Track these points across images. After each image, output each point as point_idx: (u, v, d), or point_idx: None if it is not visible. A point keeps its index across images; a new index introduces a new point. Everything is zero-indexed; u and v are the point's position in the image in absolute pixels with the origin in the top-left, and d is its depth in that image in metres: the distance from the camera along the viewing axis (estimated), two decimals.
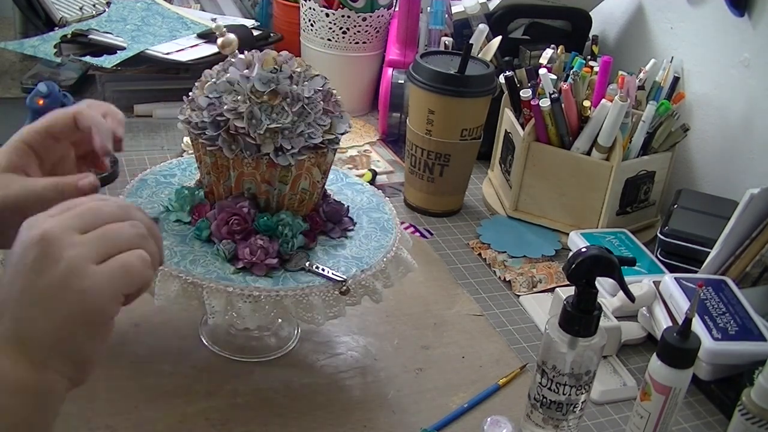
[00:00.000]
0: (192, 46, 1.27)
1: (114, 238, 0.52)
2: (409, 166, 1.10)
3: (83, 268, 0.50)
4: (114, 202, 0.56)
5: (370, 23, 1.30)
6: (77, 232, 0.51)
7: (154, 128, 1.22)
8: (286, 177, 0.69)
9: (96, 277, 0.50)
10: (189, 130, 0.70)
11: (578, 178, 1.03)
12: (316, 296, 0.67)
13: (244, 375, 0.76)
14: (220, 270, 0.67)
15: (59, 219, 0.52)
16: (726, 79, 1.12)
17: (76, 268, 0.49)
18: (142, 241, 0.54)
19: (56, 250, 0.50)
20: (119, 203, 0.56)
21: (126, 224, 0.53)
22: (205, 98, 0.68)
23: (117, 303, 0.51)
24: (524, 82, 1.09)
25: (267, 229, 0.69)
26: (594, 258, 0.66)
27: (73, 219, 0.52)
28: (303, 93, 0.68)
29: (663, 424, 0.70)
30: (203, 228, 0.70)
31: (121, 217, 0.54)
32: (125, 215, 0.54)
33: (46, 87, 0.93)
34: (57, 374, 0.50)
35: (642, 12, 1.28)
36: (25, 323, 0.49)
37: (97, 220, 0.53)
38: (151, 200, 0.75)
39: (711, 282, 0.87)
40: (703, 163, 1.17)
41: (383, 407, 0.75)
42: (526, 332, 0.89)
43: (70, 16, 1.35)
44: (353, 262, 0.71)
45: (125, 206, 0.56)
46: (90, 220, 0.52)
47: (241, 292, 0.65)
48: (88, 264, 0.50)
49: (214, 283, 0.66)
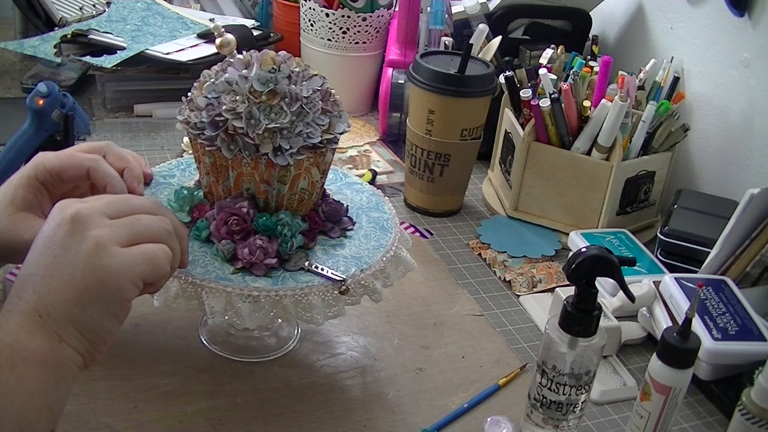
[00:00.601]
0: (192, 46, 1.27)
1: (142, 227, 0.55)
2: (409, 166, 1.10)
3: (108, 247, 0.52)
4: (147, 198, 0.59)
5: (370, 23, 1.30)
6: (107, 217, 0.54)
7: (154, 128, 1.22)
8: (285, 177, 0.69)
9: (119, 257, 0.52)
10: (188, 131, 0.70)
11: (578, 178, 1.03)
12: (315, 296, 0.67)
13: (244, 375, 0.76)
14: (219, 270, 0.67)
15: (91, 203, 0.54)
16: (726, 79, 1.12)
17: (101, 246, 0.52)
18: (168, 237, 0.57)
19: (84, 228, 0.52)
20: (151, 200, 0.59)
21: (156, 218, 0.56)
22: (204, 98, 0.68)
23: (135, 286, 0.53)
24: (524, 82, 1.09)
25: (266, 229, 0.69)
26: (594, 258, 0.66)
27: (105, 205, 0.55)
28: (301, 93, 0.68)
29: (663, 424, 0.70)
30: (202, 228, 0.70)
31: (151, 211, 0.57)
32: (156, 210, 0.57)
33: (46, 87, 0.93)
34: (71, 349, 0.52)
35: (642, 12, 1.28)
36: (44, 296, 0.51)
37: (128, 209, 0.56)
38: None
39: (711, 282, 0.87)
40: (703, 163, 1.17)
41: (383, 407, 0.75)
42: (526, 332, 0.89)
43: (70, 16, 1.35)
44: (352, 262, 0.71)
45: (157, 203, 0.59)
46: (121, 208, 0.56)
47: (240, 292, 0.65)
48: (113, 245, 0.53)
49: (214, 283, 0.66)
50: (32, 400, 0.50)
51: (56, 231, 0.52)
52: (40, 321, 0.51)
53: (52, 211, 0.54)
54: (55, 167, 0.66)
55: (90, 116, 1.19)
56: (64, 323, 0.51)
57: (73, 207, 0.53)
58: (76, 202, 0.54)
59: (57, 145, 0.94)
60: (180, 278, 0.66)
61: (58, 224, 0.53)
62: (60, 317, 0.51)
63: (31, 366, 0.50)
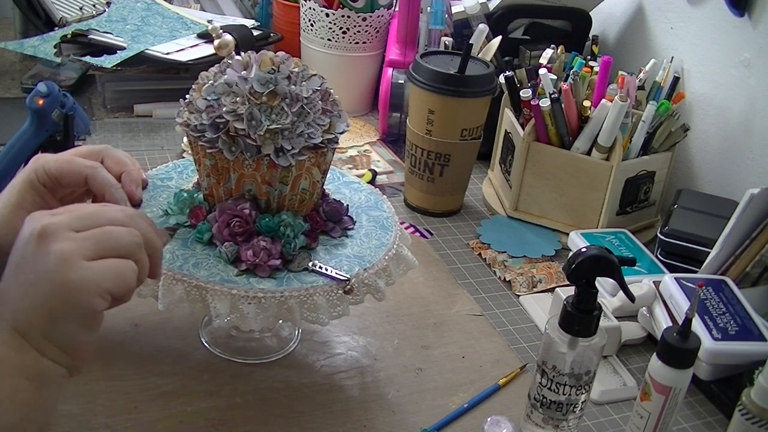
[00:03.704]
0: (192, 46, 1.27)
1: (109, 240, 0.54)
2: (409, 166, 1.10)
3: (72, 261, 0.52)
4: (120, 209, 0.57)
5: (370, 23, 1.30)
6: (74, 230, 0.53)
7: (154, 128, 1.22)
8: (286, 178, 0.69)
9: (83, 271, 0.52)
10: (188, 133, 0.70)
11: (578, 178, 1.03)
12: (320, 296, 0.67)
13: (244, 375, 0.76)
14: (223, 272, 0.67)
15: (60, 217, 0.53)
16: (726, 79, 1.12)
17: (65, 260, 0.51)
18: (136, 249, 0.55)
19: (49, 242, 0.52)
20: (125, 210, 0.57)
21: (124, 230, 0.55)
22: (203, 100, 0.68)
23: (103, 299, 0.53)
24: (524, 82, 1.09)
25: (269, 230, 0.69)
26: (594, 258, 0.66)
27: (73, 218, 0.54)
28: (302, 93, 0.68)
29: (663, 424, 0.70)
30: (204, 231, 0.70)
31: (122, 223, 0.56)
32: (127, 222, 0.56)
33: (46, 87, 0.93)
34: (52, 363, 0.52)
35: (642, 12, 1.28)
36: (20, 314, 0.51)
37: (97, 222, 0.55)
38: (149, 204, 0.74)
39: (711, 282, 0.87)
40: (703, 163, 1.17)
41: (383, 407, 0.75)
42: (526, 332, 0.89)
43: (70, 16, 1.35)
44: (355, 261, 0.71)
45: (130, 214, 0.57)
46: (89, 221, 0.54)
47: (245, 294, 0.65)
48: (78, 258, 0.52)
49: (218, 285, 0.65)
50: (21, 410, 0.51)
51: (26, 247, 0.52)
52: (21, 336, 0.51)
53: (24, 225, 0.54)
54: (54, 172, 0.66)
55: (90, 116, 1.19)
56: (41, 339, 0.52)
57: (40, 221, 0.53)
58: (45, 216, 0.53)
59: (57, 145, 0.94)
60: (184, 281, 0.65)
61: (26, 240, 0.52)
62: (37, 335, 0.51)
63: (17, 379, 0.51)
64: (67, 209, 0.55)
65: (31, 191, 0.66)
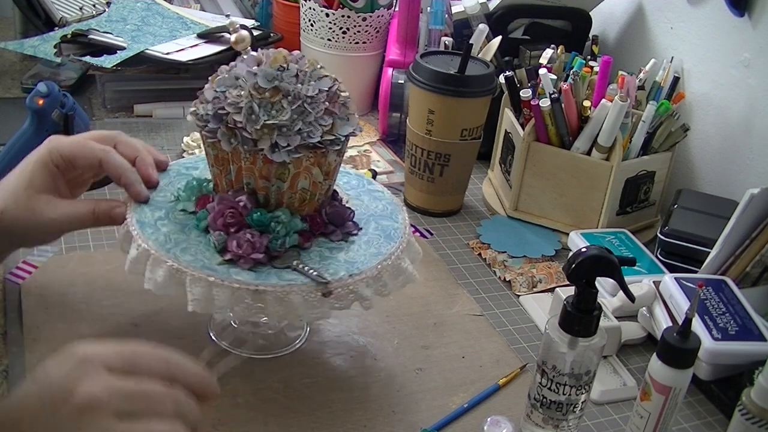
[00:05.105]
0: (192, 46, 1.27)
1: (146, 402, 0.49)
2: (409, 166, 1.10)
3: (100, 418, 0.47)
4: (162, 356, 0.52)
5: (370, 23, 1.30)
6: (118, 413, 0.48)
7: (154, 128, 1.22)
8: (283, 174, 0.69)
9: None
10: (195, 122, 0.71)
11: (578, 178, 1.03)
12: (297, 295, 0.66)
13: (245, 374, 0.76)
14: (207, 260, 0.68)
15: (109, 382, 0.49)
16: (726, 79, 1.12)
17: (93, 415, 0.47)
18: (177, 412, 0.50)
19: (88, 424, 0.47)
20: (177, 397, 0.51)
21: (166, 394, 0.50)
22: (212, 91, 0.70)
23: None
24: (524, 82, 1.09)
25: (259, 224, 0.70)
26: (594, 258, 0.66)
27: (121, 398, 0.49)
28: (306, 92, 0.68)
29: (663, 424, 0.70)
30: (202, 218, 0.71)
31: (162, 374, 0.51)
32: (167, 372, 0.51)
33: (46, 87, 0.93)
34: None
35: (642, 12, 1.28)
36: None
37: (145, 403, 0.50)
38: (167, 188, 0.76)
39: (711, 282, 0.87)
40: (703, 163, 1.17)
41: (383, 407, 0.75)
42: (526, 332, 0.89)
43: (70, 16, 1.35)
44: (344, 266, 0.70)
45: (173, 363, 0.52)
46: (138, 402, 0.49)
47: (221, 282, 0.66)
48: (109, 417, 0.48)
49: (197, 271, 0.66)
50: None
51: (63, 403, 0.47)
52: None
53: (66, 355, 0.49)
54: (68, 154, 0.67)
55: (90, 116, 1.18)
56: None
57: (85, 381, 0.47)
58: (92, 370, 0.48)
59: None
60: (167, 264, 0.66)
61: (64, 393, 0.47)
62: None
63: None
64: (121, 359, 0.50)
65: (44, 171, 0.67)
